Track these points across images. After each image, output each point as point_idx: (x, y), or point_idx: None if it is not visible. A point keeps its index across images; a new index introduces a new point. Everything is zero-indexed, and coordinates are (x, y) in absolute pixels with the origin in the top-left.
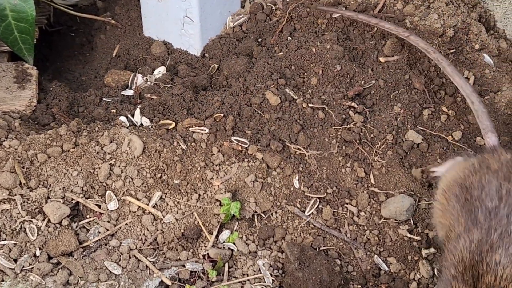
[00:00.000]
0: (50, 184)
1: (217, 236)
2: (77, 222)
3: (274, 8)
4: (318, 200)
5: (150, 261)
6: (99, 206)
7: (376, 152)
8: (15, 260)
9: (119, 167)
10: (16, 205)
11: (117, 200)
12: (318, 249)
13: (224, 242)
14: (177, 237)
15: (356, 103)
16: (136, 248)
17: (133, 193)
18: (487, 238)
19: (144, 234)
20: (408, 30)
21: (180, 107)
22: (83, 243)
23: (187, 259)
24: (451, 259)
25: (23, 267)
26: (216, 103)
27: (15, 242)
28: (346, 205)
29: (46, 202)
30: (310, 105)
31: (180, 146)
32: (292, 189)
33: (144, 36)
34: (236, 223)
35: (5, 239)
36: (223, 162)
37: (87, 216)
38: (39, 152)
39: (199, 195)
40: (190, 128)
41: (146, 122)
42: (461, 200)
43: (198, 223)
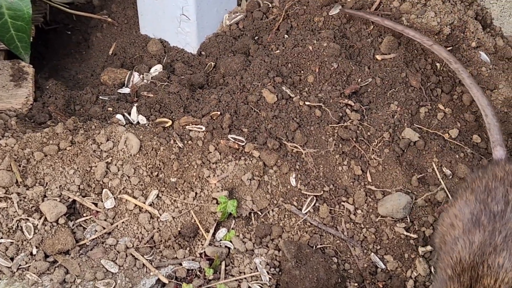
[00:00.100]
0: (47, 183)
1: (214, 234)
2: (73, 220)
3: (270, 6)
4: (315, 198)
5: (147, 259)
6: (96, 205)
7: (372, 150)
8: (12, 259)
9: (115, 165)
10: (13, 203)
11: (113, 199)
12: (315, 247)
13: (221, 240)
14: (173, 235)
15: (352, 101)
16: (133, 246)
17: (129, 191)
18: (490, 240)
19: (141, 233)
20: (432, 39)
21: (177, 105)
22: (80, 242)
23: (184, 257)
24: (448, 260)
25: (20, 265)
26: (212, 101)
27: (11, 241)
28: (343, 203)
29: (43, 201)
30: (307, 103)
31: (176, 144)
32: (289, 187)
33: (140, 34)
34: (233, 221)
35: (1, 238)
36: (219, 160)
37: (84, 215)
38: (36, 151)
39: (196, 193)
40: (187, 126)
41: (142, 120)
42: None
43: (195, 221)
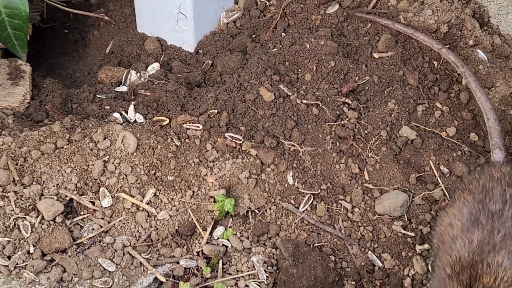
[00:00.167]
0: (44, 181)
1: (211, 232)
2: (71, 219)
3: (268, 4)
4: (312, 196)
5: (144, 257)
6: (93, 203)
7: (370, 148)
8: (9, 257)
9: (113, 163)
10: (10, 202)
11: (111, 197)
12: (312, 245)
13: (218, 239)
14: (171, 233)
15: (350, 99)
16: (130, 245)
17: (127, 189)
18: (489, 239)
19: (138, 231)
20: (441, 43)
21: (174, 103)
22: (77, 240)
23: (181, 256)
24: (447, 259)
25: (17, 264)
26: (210, 99)
27: (8, 239)
28: (340, 201)
29: (40, 199)
30: (304, 101)
31: (174, 142)
32: (286, 185)
33: (137, 33)
34: (230, 220)
35: None
36: (217, 158)
37: (81, 213)
38: (33, 149)
39: (193, 191)
40: (184, 125)
41: (140, 118)
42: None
43: (192, 219)
